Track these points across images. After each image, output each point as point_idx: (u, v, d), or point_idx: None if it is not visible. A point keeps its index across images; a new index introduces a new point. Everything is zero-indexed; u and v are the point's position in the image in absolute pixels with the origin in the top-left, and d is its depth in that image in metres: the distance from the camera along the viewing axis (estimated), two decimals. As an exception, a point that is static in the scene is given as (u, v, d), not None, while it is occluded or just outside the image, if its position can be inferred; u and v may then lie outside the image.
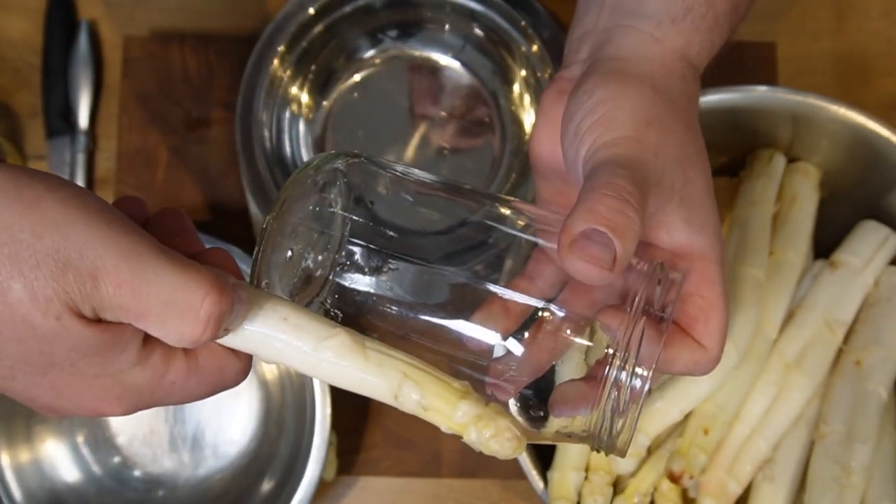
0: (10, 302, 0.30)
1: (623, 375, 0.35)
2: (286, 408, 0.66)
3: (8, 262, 0.30)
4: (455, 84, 0.71)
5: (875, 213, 0.60)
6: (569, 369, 0.38)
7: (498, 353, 0.38)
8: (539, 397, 0.38)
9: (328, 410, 0.61)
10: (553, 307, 0.37)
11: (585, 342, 0.37)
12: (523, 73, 0.70)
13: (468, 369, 0.38)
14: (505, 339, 0.38)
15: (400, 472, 0.69)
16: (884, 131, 0.56)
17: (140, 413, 0.69)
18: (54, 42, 0.72)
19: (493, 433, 0.34)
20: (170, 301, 0.31)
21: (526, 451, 0.55)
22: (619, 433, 0.36)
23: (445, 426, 0.35)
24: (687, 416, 0.54)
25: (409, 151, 0.70)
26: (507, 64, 0.71)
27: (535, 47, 0.69)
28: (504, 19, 0.69)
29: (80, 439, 0.67)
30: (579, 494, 0.54)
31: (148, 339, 0.33)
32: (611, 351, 0.35)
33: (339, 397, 0.63)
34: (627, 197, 0.34)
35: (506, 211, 0.40)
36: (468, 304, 0.38)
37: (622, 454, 0.37)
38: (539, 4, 0.69)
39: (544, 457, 0.56)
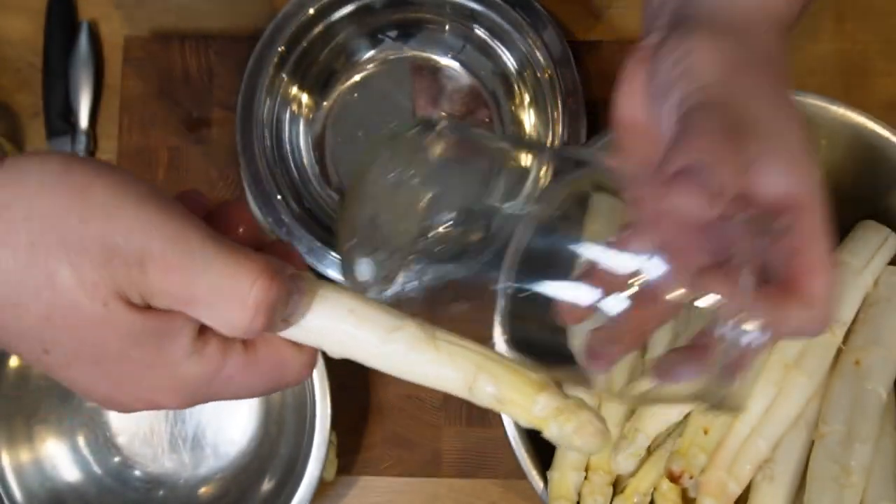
0: (58, 288, 0.30)
1: (735, 332, 0.32)
2: (286, 408, 0.66)
3: (55, 248, 0.30)
4: (455, 84, 0.71)
5: (875, 213, 0.60)
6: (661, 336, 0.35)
7: (597, 320, 0.34)
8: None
9: (328, 410, 0.61)
10: (660, 263, 0.33)
11: (699, 303, 0.33)
12: (523, 73, 0.70)
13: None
14: (604, 299, 0.34)
15: (400, 472, 0.69)
16: (884, 131, 0.56)
17: (140, 413, 0.69)
18: (55, 42, 0.73)
19: (575, 427, 0.32)
20: (218, 286, 0.30)
21: (525, 451, 0.55)
22: (735, 390, 0.33)
23: (524, 420, 0.33)
24: (687, 416, 0.54)
25: (409, 151, 0.70)
26: (506, 64, 0.71)
27: (535, 47, 0.69)
28: (504, 19, 0.69)
29: (80, 439, 0.67)
30: (579, 494, 0.54)
31: (203, 330, 0.32)
32: (719, 308, 0.32)
33: (340, 397, 0.63)
34: (723, 136, 0.32)
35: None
36: (561, 265, 0.35)
37: (740, 410, 0.34)
38: (539, 4, 0.69)
39: (544, 457, 0.56)
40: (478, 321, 0.36)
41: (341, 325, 0.33)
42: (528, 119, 0.70)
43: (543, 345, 0.36)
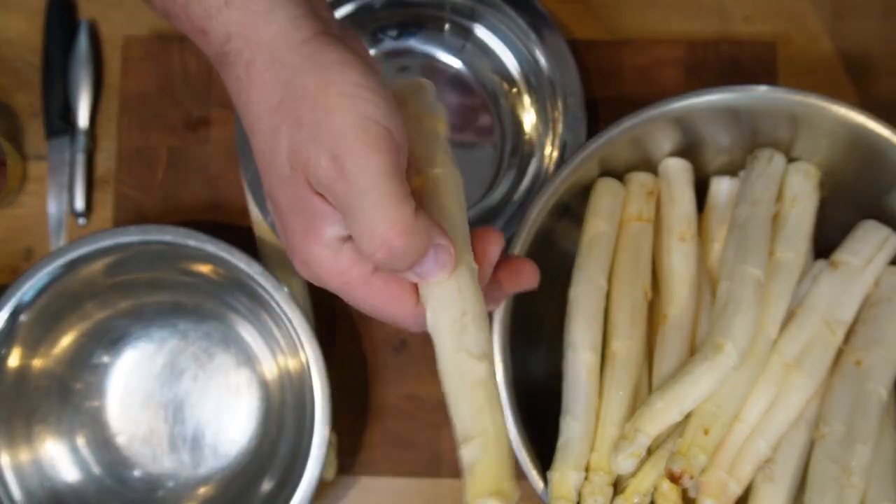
0: (276, 143, 0.37)
1: None
2: (286, 407, 0.66)
3: (288, 117, 0.37)
4: (455, 84, 0.71)
5: (875, 213, 0.60)
6: None
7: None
8: None
9: (328, 410, 0.61)
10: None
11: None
12: (523, 72, 0.70)
13: None
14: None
15: (400, 472, 0.69)
16: (884, 131, 0.56)
17: (140, 413, 0.70)
18: (54, 42, 0.72)
19: None
20: (365, 212, 0.36)
21: (526, 451, 0.55)
22: None
23: (467, 497, 0.36)
24: (687, 416, 0.54)
25: (409, 151, 0.70)
26: (506, 64, 0.71)
27: (535, 47, 0.69)
28: (504, 19, 0.69)
29: (80, 439, 0.67)
30: (579, 494, 0.54)
31: (348, 239, 0.38)
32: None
33: (340, 397, 0.63)
34: None
35: None
36: None
37: None
38: (539, 4, 0.69)
39: (544, 457, 0.56)
40: None
41: (446, 313, 0.38)
42: (528, 119, 0.70)
43: None
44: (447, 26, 0.71)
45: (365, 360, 0.70)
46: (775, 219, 0.58)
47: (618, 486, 0.56)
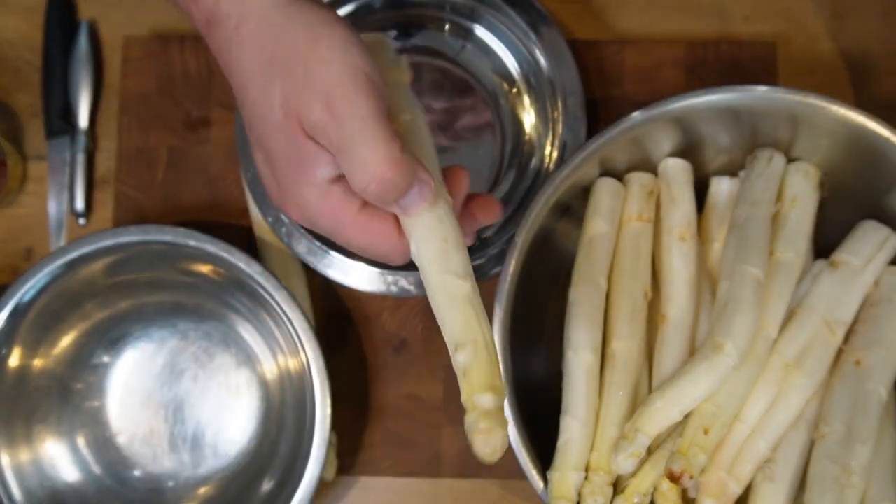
0: (269, 94, 0.40)
1: None
2: (286, 408, 0.66)
3: (280, 69, 0.40)
4: (455, 84, 0.71)
5: (875, 213, 0.60)
6: None
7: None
8: None
9: (328, 410, 0.61)
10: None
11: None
12: (523, 73, 0.70)
13: None
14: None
15: (400, 472, 0.69)
16: (884, 131, 0.56)
17: (140, 413, 0.70)
18: (54, 42, 0.72)
19: (482, 437, 0.39)
20: (358, 149, 0.39)
21: (526, 451, 0.55)
22: None
23: (464, 397, 0.40)
24: (687, 416, 0.54)
25: (409, 151, 0.70)
26: (506, 64, 0.71)
27: (535, 47, 0.69)
28: (504, 19, 0.69)
29: (80, 439, 0.67)
30: (579, 494, 0.54)
31: (337, 180, 0.41)
32: None
33: (340, 397, 0.63)
34: None
35: None
36: None
37: None
38: (539, 4, 0.69)
39: (544, 457, 0.56)
40: None
41: (431, 240, 0.41)
42: (528, 119, 0.70)
43: None
44: (447, 26, 0.71)
45: (365, 360, 0.70)
46: (775, 219, 0.58)
47: (618, 486, 0.56)
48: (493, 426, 0.39)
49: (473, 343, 0.40)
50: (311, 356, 0.62)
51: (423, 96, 0.71)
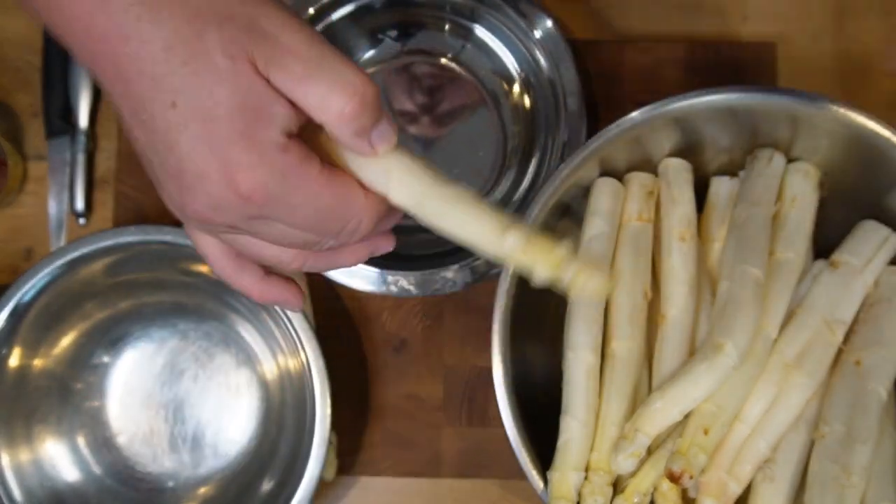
0: (202, 41, 0.35)
1: None
2: (286, 407, 0.66)
3: (213, 18, 0.35)
4: (455, 84, 0.71)
5: (875, 213, 0.60)
6: None
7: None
8: None
9: (328, 410, 0.61)
10: None
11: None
12: (523, 73, 0.70)
13: None
14: None
15: (400, 472, 0.69)
16: (884, 131, 0.56)
17: (140, 413, 0.69)
18: (54, 42, 0.72)
19: (583, 277, 0.40)
20: (334, 68, 0.36)
21: (526, 451, 0.55)
22: None
23: (543, 267, 0.40)
24: (687, 416, 0.54)
25: (409, 151, 0.70)
26: (506, 64, 0.71)
27: (535, 47, 0.69)
28: (504, 19, 0.69)
29: (80, 439, 0.67)
30: (579, 494, 0.54)
31: (294, 137, 0.37)
32: None
33: (340, 397, 0.63)
34: None
35: None
36: None
37: None
38: (539, 4, 0.69)
39: (544, 457, 0.56)
40: None
41: (417, 174, 0.39)
42: (528, 119, 0.70)
43: None
44: (447, 26, 0.71)
45: (365, 360, 0.70)
46: (775, 219, 0.58)
47: (618, 485, 0.56)
48: (582, 267, 0.40)
49: (507, 226, 0.40)
50: (311, 356, 0.62)
51: (423, 96, 0.71)
